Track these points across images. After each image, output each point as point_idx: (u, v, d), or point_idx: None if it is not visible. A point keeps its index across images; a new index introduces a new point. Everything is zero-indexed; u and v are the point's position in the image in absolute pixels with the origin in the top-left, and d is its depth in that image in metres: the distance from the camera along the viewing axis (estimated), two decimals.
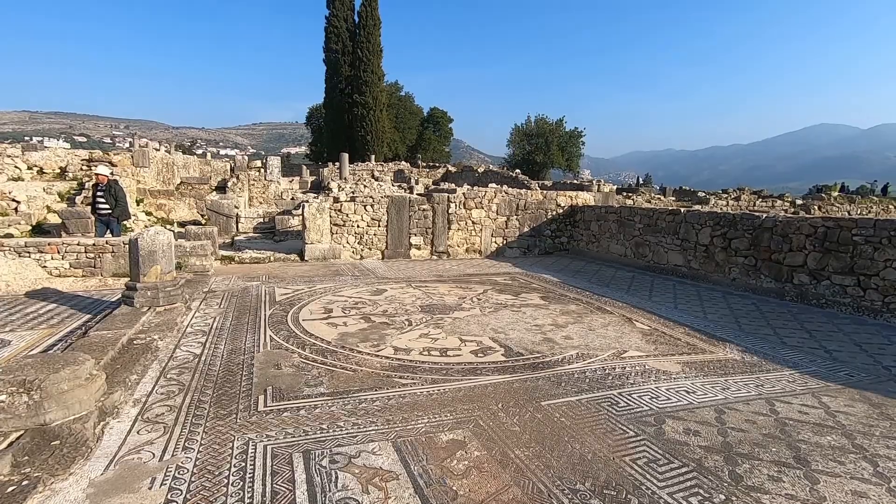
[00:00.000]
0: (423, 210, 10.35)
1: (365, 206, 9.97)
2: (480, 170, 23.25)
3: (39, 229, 10.38)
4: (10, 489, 2.25)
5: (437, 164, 29.89)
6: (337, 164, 24.42)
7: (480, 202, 10.76)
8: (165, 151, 21.53)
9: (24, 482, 2.30)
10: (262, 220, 13.15)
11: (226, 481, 2.39)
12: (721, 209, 9.62)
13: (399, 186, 15.52)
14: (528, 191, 12.03)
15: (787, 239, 6.73)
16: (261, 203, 15.20)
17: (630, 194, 20.53)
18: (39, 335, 4.80)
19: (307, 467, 2.52)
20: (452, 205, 10.51)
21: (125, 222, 9.31)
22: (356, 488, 2.36)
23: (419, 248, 10.36)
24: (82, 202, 10.81)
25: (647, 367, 4.10)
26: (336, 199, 9.89)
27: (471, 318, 5.53)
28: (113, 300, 6.12)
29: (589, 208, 11.12)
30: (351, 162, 23.98)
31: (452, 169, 26.12)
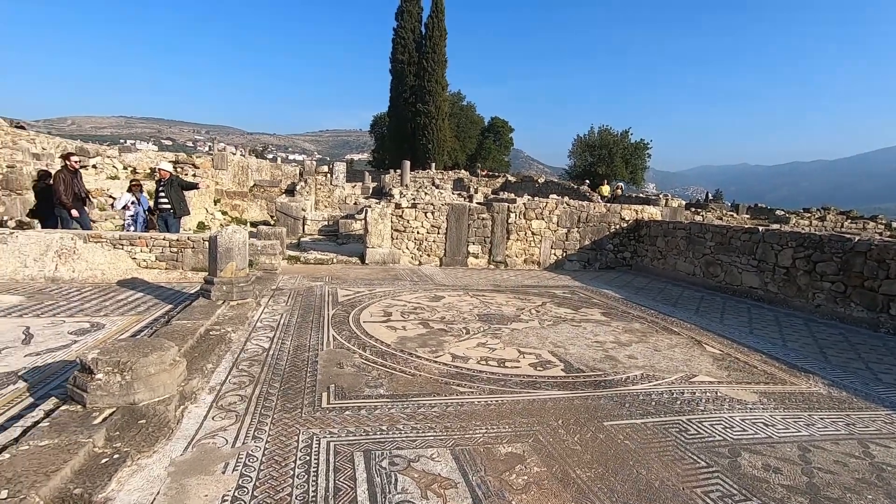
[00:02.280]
0: (483, 219, 10.35)
1: (425, 213, 10.12)
2: (541, 180, 22.98)
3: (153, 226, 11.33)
4: (104, 461, 2.45)
5: (497, 174, 29.87)
6: (398, 170, 25.00)
7: (541, 213, 10.62)
8: (241, 155, 22.95)
9: (115, 455, 2.50)
10: (326, 223, 13.67)
11: (291, 473, 2.48)
12: (803, 229, 8.90)
13: (458, 195, 15.63)
14: (591, 203, 11.73)
15: (884, 265, 6.12)
16: (326, 206, 15.82)
17: (699, 210, 19.51)
18: (128, 321, 5.23)
19: (368, 467, 2.56)
20: (512, 214, 10.44)
21: (184, 218, 9.88)
22: (415, 493, 2.37)
23: (476, 257, 10.36)
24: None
25: (719, 394, 3.85)
26: (398, 206, 10.11)
27: (529, 331, 5.44)
28: (191, 292, 6.56)
29: (655, 223, 10.67)
30: (412, 169, 24.46)
31: (512, 179, 25.98)
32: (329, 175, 16.79)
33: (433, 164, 33.96)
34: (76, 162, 8.77)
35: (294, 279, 7.82)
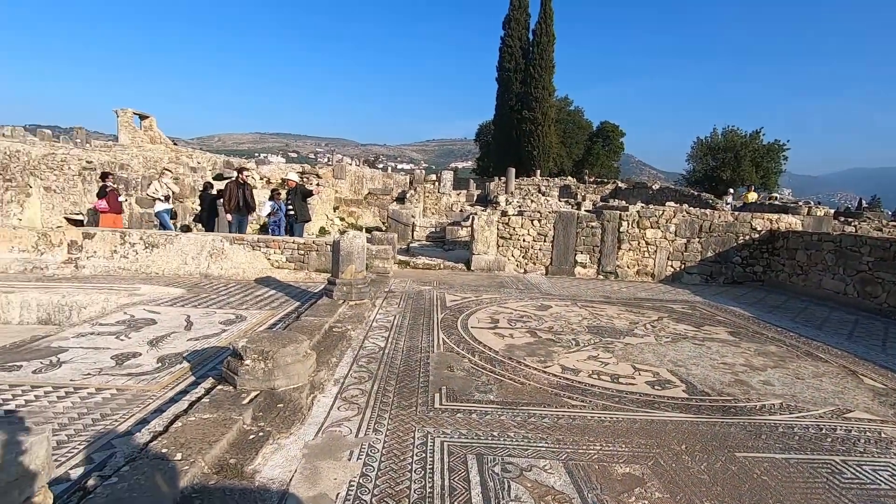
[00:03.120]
0: (592, 227, 9.98)
1: (532, 221, 10.02)
2: (655, 186, 21.56)
3: (263, 229, 12.74)
4: (251, 437, 2.79)
5: (605, 180, 28.61)
6: (503, 178, 25.06)
7: (656, 221, 9.96)
8: (356, 166, 24.66)
9: (260, 433, 2.82)
10: (433, 229, 14.16)
11: (409, 468, 2.61)
12: None
13: (566, 202, 15.25)
14: (714, 211, 10.74)
15: None
16: (433, 213, 16.39)
17: (850, 220, 16.86)
18: (265, 315, 5.88)
19: (481, 471, 2.60)
20: (624, 223, 9.93)
21: (306, 224, 10.82)
22: (529, 502, 2.36)
23: (584, 267, 10.01)
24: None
25: (883, 434, 3.30)
26: (504, 213, 10.14)
27: (644, 346, 5.13)
28: (315, 291, 7.18)
29: (795, 234, 9.45)
30: (517, 177, 24.37)
31: (622, 185, 24.71)
32: (437, 183, 17.39)
33: (538, 171, 33.51)
34: (245, 175, 10.19)
35: (404, 282, 8.19)
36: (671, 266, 9.99)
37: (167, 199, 10.66)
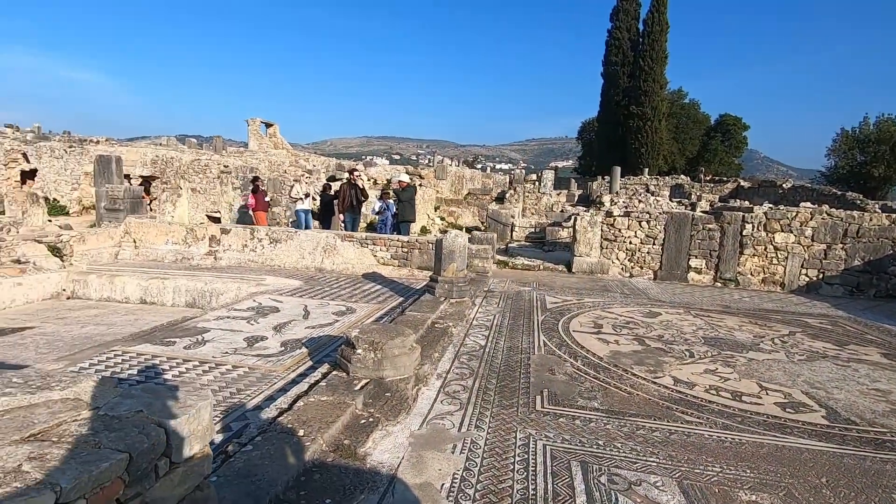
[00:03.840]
0: (709, 230, 9.15)
1: (639, 222, 9.46)
2: (786, 185, 19.18)
3: (371, 227, 13.50)
4: (362, 421, 2.97)
5: (724, 179, 26.06)
6: (606, 177, 23.96)
7: (788, 224, 8.86)
8: (455, 166, 25.12)
9: (370, 419, 3.00)
10: (533, 229, 13.96)
11: (511, 467, 2.61)
12: None
13: (678, 202, 14.17)
14: (864, 213, 9.29)
15: None
16: (532, 214, 16.17)
17: None
18: (372, 308, 6.23)
19: (585, 479, 2.52)
20: (749, 225, 8.97)
21: (411, 224, 11.20)
22: None
23: (699, 272, 9.22)
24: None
25: None
26: (609, 214, 9.69)
27: (773, 363, 4.59)
28: (418, 288, 7.45)
29: None
30: (622, 175, 23.14)
31: (745, 184, 22.33)
32: (537, 183, 17.12)
33: (646, 170, 31.51)
34: (356, 176, 10.96)
35: (503, 283, 8.18)
36: (806, 275, 8.83)
37: (306, 199, 11.77)
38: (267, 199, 11.82)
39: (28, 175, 15.80)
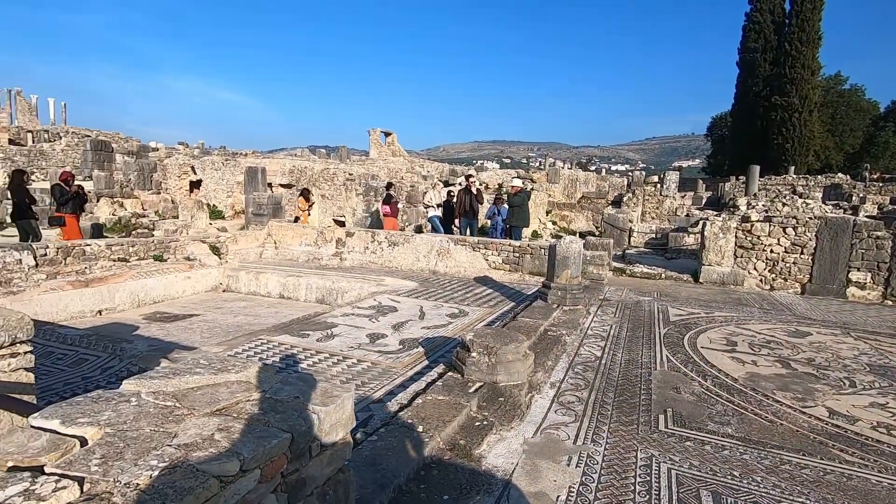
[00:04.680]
0: (876, 238, 7.78)
1: (783, 229, 8.36)
2: None
3: (483, 232, 13.68)
4: (477, 424, 3.04)
5: None
6: (741, 177, 21.55)
7: None
8: (567, 169, 24.40)
9: (485, 422, 3.06)
10: (653, 235, 13.06)
11: (632, 487, 2.48)
12: None
13: (834, 205, 12.31)
14: None
15: None
16: (653, 218, 15.12)
17: None
18: (484, 312, 6.31)
19: None
20: None
21: (523, 229, 11.08)
22: None
23: (862, 287, 7.88)
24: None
25: None
26: (745, 219, 8.70)
27: None
28: (529, 293, 7.38)
29: None
30: (762, 175, 20.63)
31: None
32: (658, 185, 15.97)
33: (792, 168, 27.70)
34: (471, 182, 11.29)
35: (620, 291, 7.77)
36: None
37: (439, 206, 12.39)
38: (399, 205, 12.58)
39: (195, 185, 18.64)
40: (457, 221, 11.08)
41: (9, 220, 10.51)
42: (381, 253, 9.76)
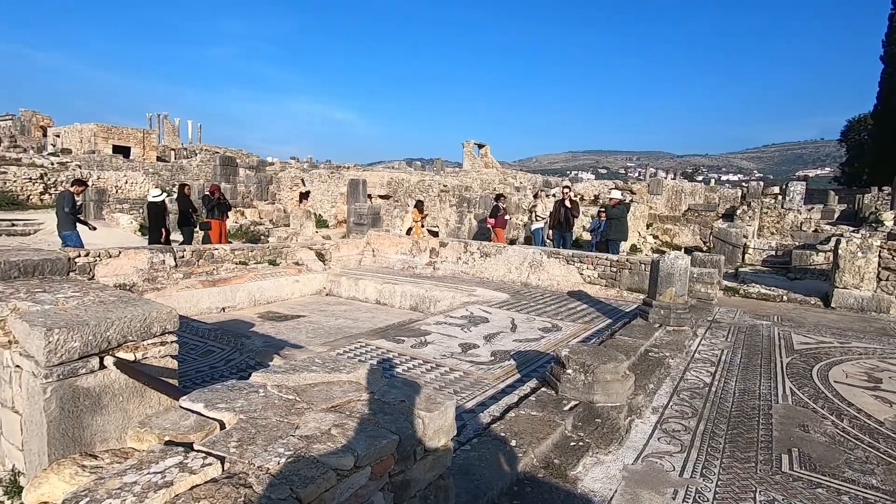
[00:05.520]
0: None
1: None
2: None
3: (576, 245, 13.26)
4: (572, 444, 2.93)
5: None
6: (885, 188, 18.70)
7: None
8: (671, 179, 22.84)
9: (580, 443, 2.94)
10: (773, 252, 11.75)
11: None
12: None
13: None
14: None
15: None
16: (773, 233, 13.62)
17: None
18: (578, 327, 6.10)
19: None
20: None
21: (621, 242, 10.52)
22: None
23: None
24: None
25: None
26: (892, 235, 7.52)
27: None
28: (627, 310, 7.01)
29: None
30: None
31: None
32: (780, 196, 14.36)
33: None
34: (566, 194, 11.11)
35: (732, 313, 7.09)
36: None
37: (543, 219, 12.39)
38: (507, 217, 12.66)
39: (303, 196, 20.27)
40: (549, 233, 10.85)
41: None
42: (472, 263, 9.85)
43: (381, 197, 17.87)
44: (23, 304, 2.39)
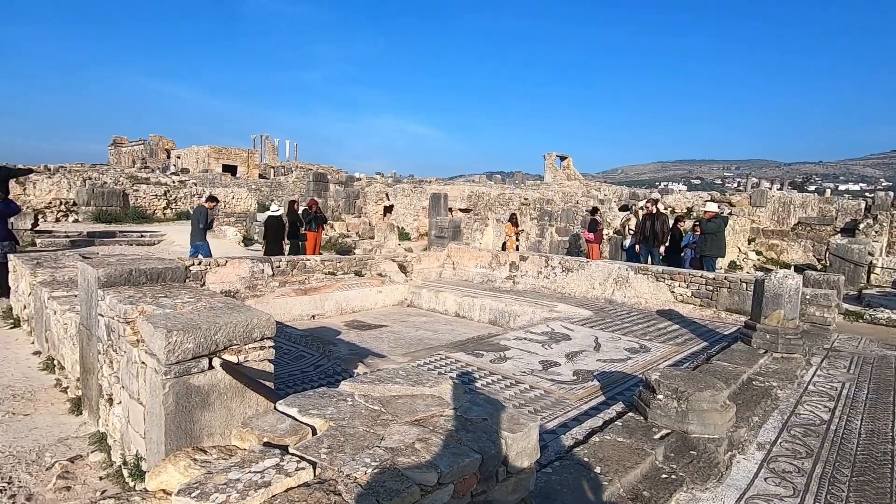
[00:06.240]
0: None
1: None
2: None
3: (665, 260, 12.46)
4: (663, 476, 2.73)
5: None
6: None
7: None
8: (777, 189, 20.78)
9: (673, 476, 2.73)
10: None
11: None
12: None
13: None
14: None
15: None
16: None
17: None
18: (669, 349, 5.70)
19: None
20: None
21: (717, 259, 9.70)
22: None
23: None
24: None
25: None
26: None
27: None
28: (725, 333, 6.43)
29: None
30: None
31: None
32: None
33: None
34: (651, 205, 10.59)
35: (855, 341, 6.25)
36: None
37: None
38: (605, 232, 12.37)
39: (388, 209, 21.07)
40: (637, 248, 10.32)
41: (257, 237, 13.49)
42: (553, 278, 9.61)
43: (461, 210, 18.08)
44: (148, 308, 2.71)
